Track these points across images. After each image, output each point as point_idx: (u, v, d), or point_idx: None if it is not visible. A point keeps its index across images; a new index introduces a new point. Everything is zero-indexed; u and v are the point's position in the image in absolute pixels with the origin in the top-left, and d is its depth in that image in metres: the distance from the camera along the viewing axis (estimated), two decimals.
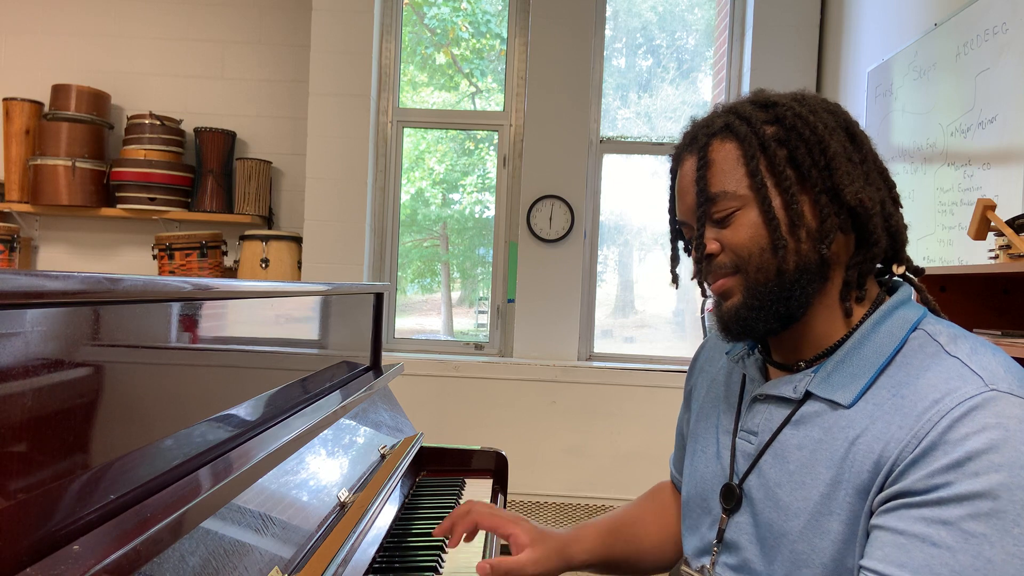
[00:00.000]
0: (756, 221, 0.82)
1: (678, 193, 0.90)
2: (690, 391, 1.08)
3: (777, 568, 0.81)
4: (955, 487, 0.68)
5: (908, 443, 0.71)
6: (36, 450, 0.54)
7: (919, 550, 0.68)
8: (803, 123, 0.83)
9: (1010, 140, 2.02)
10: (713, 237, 0.85)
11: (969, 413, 0.69)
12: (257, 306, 1.02)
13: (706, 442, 0.96)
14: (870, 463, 0.74)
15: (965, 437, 0.68)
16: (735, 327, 0.85)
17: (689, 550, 0.96)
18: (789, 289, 0.81)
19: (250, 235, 3.39)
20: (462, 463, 1.69)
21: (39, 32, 3.67)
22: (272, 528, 0.87)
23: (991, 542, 0.66)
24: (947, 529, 0.67)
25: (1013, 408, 0.69)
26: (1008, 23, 2.04)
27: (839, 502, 0.76)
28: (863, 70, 2.96)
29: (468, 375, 3.31)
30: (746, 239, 0.82)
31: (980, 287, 1.83)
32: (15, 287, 0.50)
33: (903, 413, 0.73)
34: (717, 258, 0.85)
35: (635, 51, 3.79)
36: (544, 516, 3.28)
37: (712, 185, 0.84)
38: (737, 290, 0.84)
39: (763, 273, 0.82)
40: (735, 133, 0.85)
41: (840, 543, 0.75)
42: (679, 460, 1.12)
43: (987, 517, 0.66)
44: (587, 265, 3.55)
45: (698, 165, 0.86)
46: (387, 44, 3.62)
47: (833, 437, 0.78)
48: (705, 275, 0.87)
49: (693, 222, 0.87)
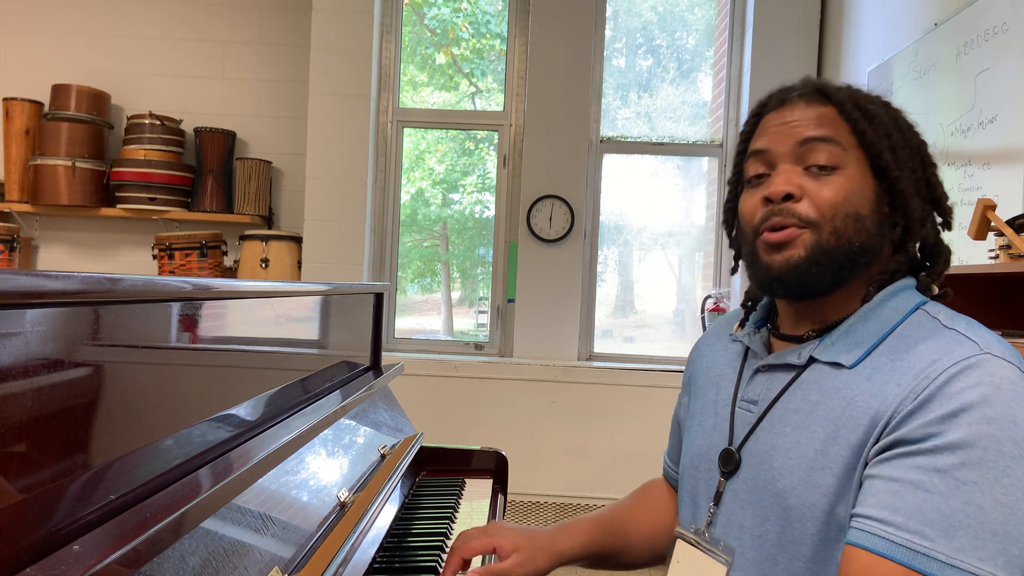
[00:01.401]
0: (853, 187, 0.83)
1: (772, 125, 0.87)
2: (689, 378, 1.08)
3: (770, 527, 0.82)
4: (948, 435, 0.70)
5: (906, 397, 0.74)
6: (36, 450, 0.54)
7: (912, 495, 0.70)
8: (911, 132, 0.88)
9: (1010, 140, 2.02)
10: (797, 182, 0.83)
11: (965, 371, 0.73)
12: (257, 306, 1.02)
13: (704, 416, 0.98)
14: (867, 419, 0.76)
15: (960, 391, 0.72)
16: (792, 279, 0.84)
17: (685, 517, 0.97)
18: (851, 262, 0.83)
19: (250, 235, 3.39)
20: (462, 463, 1.69)
21: (39, 32, 3.67)
22: (272, 528, 0.87)
23: (981, 489, 0.69)
24: (939, 476, 0.70)
25: (1005, 370, 0.73)
26: (1008, 23, 2.04)
27: (832, 457, 0.78)
28: (863, 70, 2.96)
29: (468, 375, 3.31)
30: (839, 198, 0.82)
31: (980, 287, 1.83)
32: (15, 287, 0.50)
33: (900, 372, 0.76)
34: (797, 204, 0.83)
35: (635, 51, 3.79)
36: (544, 516, 3.28)
37: (829, 131, 0.84)
38: (801, 244, 0.83)
39: (836, 237, 0.82)
40: (862, 108, 0.85)
41: (831, 496, 0.77)
42: (674, 450, 1.13)
43: (978, 466, 0.69)
44: (587, 265, 3.55)
45: (826, 109, 0.85)
46: (387, 44, 3.62)
47: (830, 398, 0.81)
48: (767, 217, 0.85)
49: (783, 157, 0.85)
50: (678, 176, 3.80)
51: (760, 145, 0.88)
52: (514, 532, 1.01)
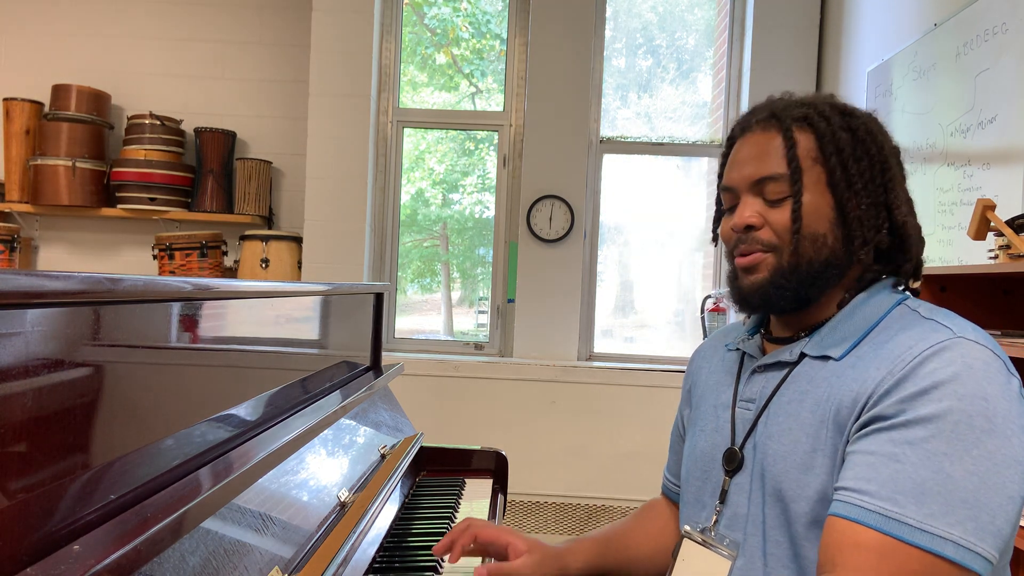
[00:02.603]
0: (808, 210, 0.88)
1: (736, 160, 0.94)
2: (689, 388, 1.11)
3: (770, 510, 0.86)
4: (920, 410, 0.75)
5: (883, 379, 0.79)
6: (36, 450, 0.54)
7: (885, 467, 0.75)
8: (872, 139, 0.91)
9: (1010, 140, 2.02)
10: (758, 211, 0.90)
11: (938, 352, 0.77)
12: (257, 306, 1.02)
13: (705, 421, 1.01)
14: (849, 400, 0.81)
15: (933, 371, 0.76)
16: (756, 300, 0.91)
17: (691, 517, 0.98)
18: (813, 278, 0.89)
19: (250, 235, 3.39)
20: (462, 463, 1.69)
21: (39, 32, 3.67)
22: (272, 528, 0.87)
23: (951, 460, 0.72)
24: (912, 448, 0.74)
25: (977, 352, 0.77)
26: (1008, 23, 2.05)
27: (822, 440, 0.83)
28: (863, 70, 2.96)
29: (468, 375, 3.31)
30: (793, 224, 0.87)
31: (980, 287, 1.83)
32: (15, 287, 0.50)
33: (880, 358, 0.81)
34: (758, 232, 0.90)
35: (635, 51, 3.79)
36: (544, 516, 3.28)
37: (777, 165, 0.89)
38: (765, 268, 0.90)
39: (796, 258, 0.88)
40: (814, 126, 0.90)
41: (825, 475, 0.81)
42: (674, 465, 1.15)
43: (949, 438, 0.73)
44: (587, 265, 3.55)
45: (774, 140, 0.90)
46: (387, 44, 3.62)
47: (817, 387, 0.86)
48: (737, 244, 0.92)
49: (744, 191, 0.92)
50: (678, 176, 3.80)
51: (726, 182, 0.95)
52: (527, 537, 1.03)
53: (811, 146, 0.89)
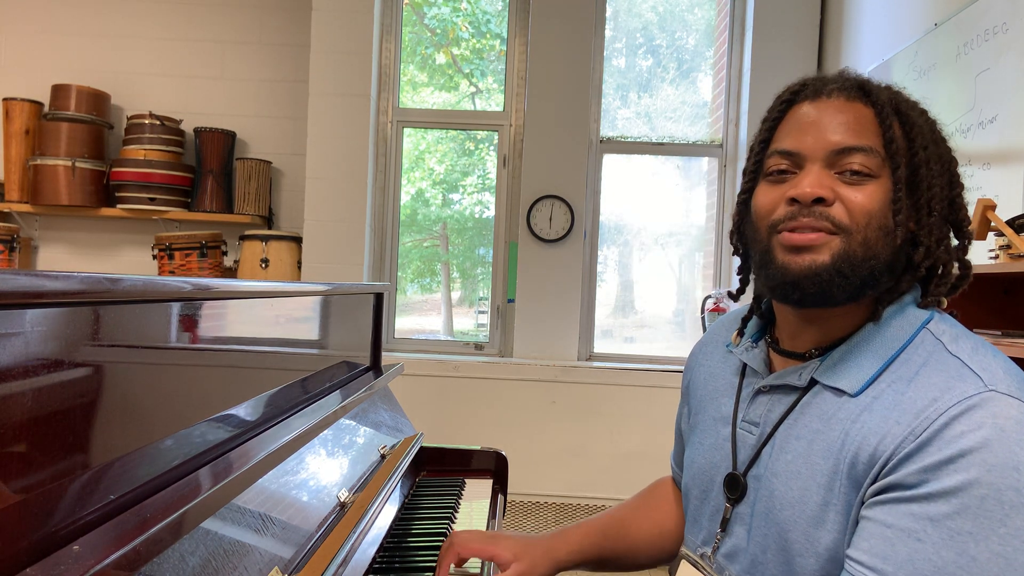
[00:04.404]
0: (888, 198, 0.78)
1: (807, 123, 0.81)
2: (687, 386, 1.06)
3: (771, 556, 0.80)
4: (945, 480, 0.67)
5: (905, 438, 0.70)
6: (36, 450, 0.54)
7: (904, 544, 0.68)
8: (944, 143, 0.83)
9: (1010, 140, 2.02)
10: (830, 186, 0.78)
11: (966, 412, 0.69)
12: (257, 306, 1.02)
13: (704, 434, 0.96)
14: (865, 455, 0.73)
15: (960, 435, 0.68)
16: (810, 286, 0.78)
17: (691, 538, 0.96)
18: (873, 277, 0.79)
19: (250, 235, 3.39)
20: (462, 463, 1.69)
21: (39, 32, 3.66)
22: (272, 528, 0.87)
23: (976, 540, 0.65)
24: (933, 525, 0.67)
25: (1010, 409, 0.68)
26: (1008, 23, 2.04)
27: (836, 493, 0.75)
28: (863, 70, 2.96)
29: (468, 375, 3.31)
30: (874, 207, 0.78)
31: (980, 287, 1.83)
32: (15, 287, 0.50)
33: (901, 409, 0.72)
34: (829, 208, 0.78)
35: (635, 51, 3.79)
36: (544, 516, 3.28)
37: (868, 139, 0.79)
38: (828, 251, 0.78)
39: (865, 248, 0.78)
40: (902, 115, 0.81)
41: (836, 533, 0.75)
42: (679, 455, 1.11)
43: (974, 515, 0.66)
44: (587, 265, 3.55)
45: (865, 111, 0.80)
46: (387, 44, 3.62)
47: (831, 428, 0.78)
48: (789, 218, 0.80)
49: (816, 159, 0.79)
50: (678, 176, 3.80)
51: (788, 145, 0.81)
52: (512, 541, 1.00)
53: (900, 135, 0.79)
